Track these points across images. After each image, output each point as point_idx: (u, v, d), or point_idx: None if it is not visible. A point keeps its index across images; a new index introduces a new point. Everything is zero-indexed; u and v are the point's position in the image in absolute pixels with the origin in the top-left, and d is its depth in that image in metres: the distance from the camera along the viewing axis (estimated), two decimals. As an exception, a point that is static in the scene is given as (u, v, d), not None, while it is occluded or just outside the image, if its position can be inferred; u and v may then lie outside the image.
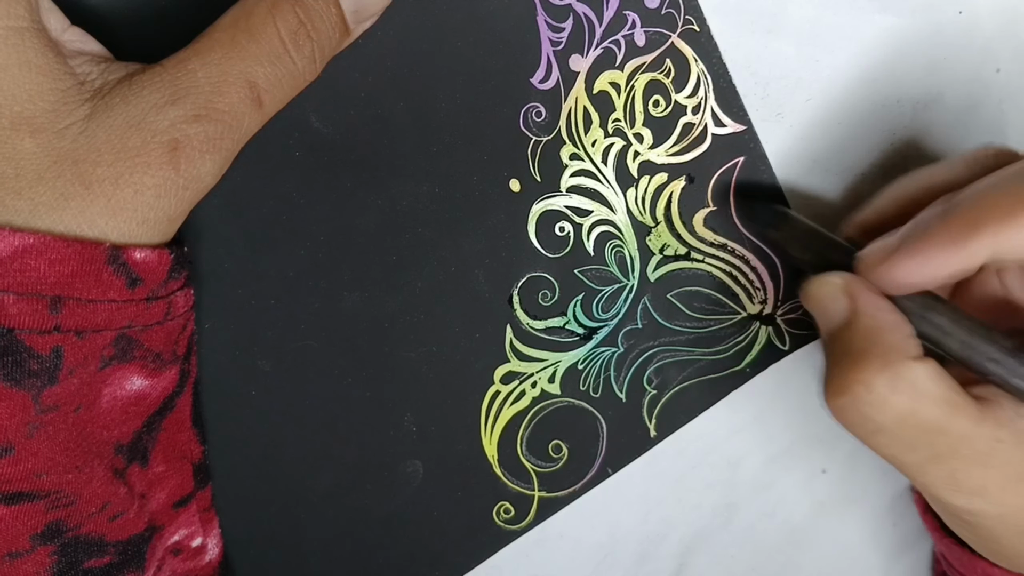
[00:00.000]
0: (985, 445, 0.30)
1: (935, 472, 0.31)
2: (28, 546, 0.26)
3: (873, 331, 0.30)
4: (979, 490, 0.30)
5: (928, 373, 0.29)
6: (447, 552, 0.37)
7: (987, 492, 0.31)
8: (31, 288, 0.24)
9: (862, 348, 0.30)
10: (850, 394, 0.30)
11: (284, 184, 0.32)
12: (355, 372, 0.34)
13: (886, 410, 0.29)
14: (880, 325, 0.30)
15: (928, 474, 0.31)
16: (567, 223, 0.35)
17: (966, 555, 0.37)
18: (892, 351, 0.30)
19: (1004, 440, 0.30)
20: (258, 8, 0.25)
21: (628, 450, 0.38)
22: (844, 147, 0.38)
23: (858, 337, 0.30)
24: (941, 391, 0.29)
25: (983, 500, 0.31)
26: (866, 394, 0.29)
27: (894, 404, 0.29)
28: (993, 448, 0.30)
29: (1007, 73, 0.40)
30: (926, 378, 0.29)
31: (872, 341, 0.30)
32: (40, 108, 0.24)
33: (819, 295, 0.33)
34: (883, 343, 0.30)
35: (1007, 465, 0.30)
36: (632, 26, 0.34)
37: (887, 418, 0.30)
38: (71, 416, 0.25)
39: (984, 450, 0.30)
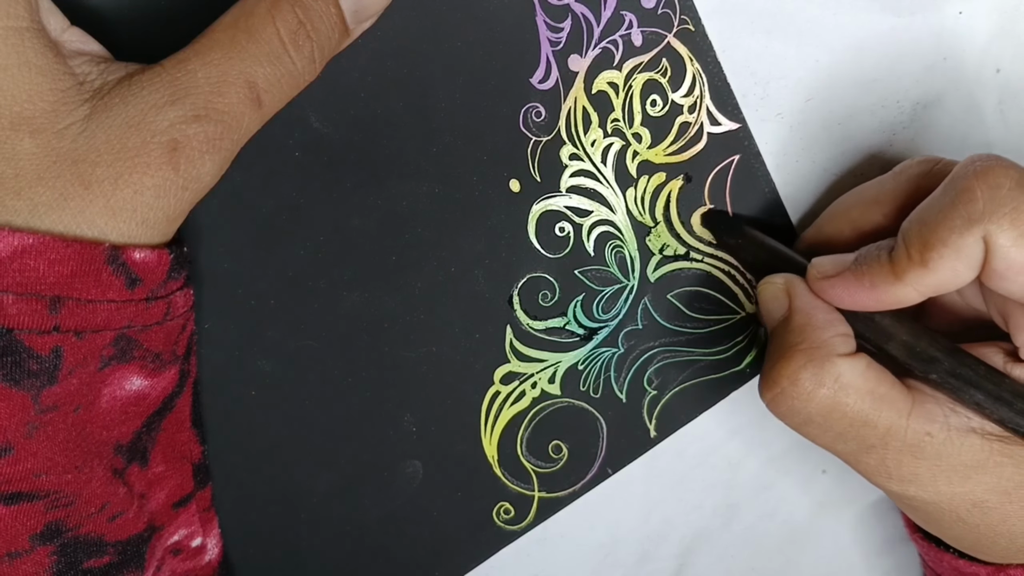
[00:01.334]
0: (914, 438, 0.31)
1: (867, 460, 0.32)
2: (27, 546, 0.25)
3: (804, 328, 0.32)
4: (911, 478, 0.32)
5: (854, 368, 0.31)
6: (447, 552, 0.37)
7: (919, 480, 0.32)
8: (30, 288, 0.24)
9: (792, 344, 0.32)
10: (778, 387, 0.32)
11: (284, 184, 0.32)
12: (355, 372, 0.34)
13: (811, 403, 0.31)
14: (811, 323, 0.32)
15: (861, 462, 0.33)
16: (567, 223, 0.35)
17: (932, 549, 0.38)
18: (819, 347, 0.31)
19: (934, 435, 0.31)
20: (258, 8, 0.25)
21: (628, 450, 0.38)
22: (844, 147, 0.38)
23: (790, 333, 0.32)
24: (868, 385, 0.31)
25: (916, 487, 0.32)
26: (791, 387, 0.31)
27: (818, 397, 0.31)
28: (922, 441, 0.31)
29: (1007, 73, 0.40)
30: (851, 373, 0.31)
31: (802, 337, 0.32)
32: (40, 108, 0.24)
33: (763, 294, 0.35)
34: (811, 339, 0.32)
35: (937, 458, 0.31)
36: (629, 26, 0.34)
37: (813, 410, 0.31)
38: (70, 416, 0.25)
39: (913, 443, 0.31)
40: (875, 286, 0.31)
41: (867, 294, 0.31)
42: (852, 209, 0.36)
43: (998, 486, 0.32)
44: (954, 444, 0.31)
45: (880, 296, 0.31)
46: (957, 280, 0.30)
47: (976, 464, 0.31)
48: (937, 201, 0.30)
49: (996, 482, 0.32)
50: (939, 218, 0.30)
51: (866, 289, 0.31)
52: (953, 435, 0.31)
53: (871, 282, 0.31)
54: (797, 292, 0.33)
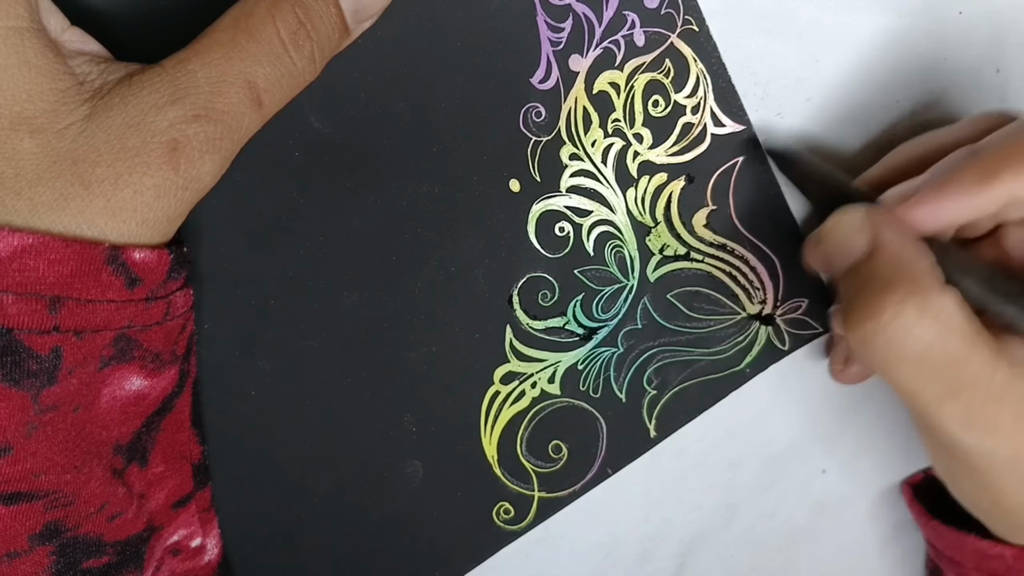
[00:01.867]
0: (1002, 380, 0.29)
1: (950, 407, 0.30)
2: (26, 546, 0.26)
3: (900, 259, 0.30)
4: (992, 427, 0.30)
5: (954, 302, 0.29)
6: (447, 552, 0.37)
7: (1000, 429, 0.30)
8: (30, 288, 0.24)
9: (890, 275, 0.30)
10: (876, 320, 0.29)
11: (284, 184, 0.32)
12: (355, 372, 0.34)
13: (912, 338, 0.29)
14: (907, 254, 0.30)
15: (944, 408, 0.30)
16: (567, 223, 0.35)
17: (954, 534, 0.37)
18: (921, 278, 0.29)
19: (1020, 377, 0.30)
20: (258, 8, 0.25)
21: (628, 450, 0.38)
22: (844, 147, 0.38)
23: (884, 266, 0.30)
24: (964, 322, 0.29)
25: (996, 438, 0.30)
26: (894, 320, 0.29)
27: (920, 331, 0.29)
28: (1009, 383, 0.29)
29: (1007, 73, 0.40)
30: (952, 308, 0.29)
31: (900, 268, 0.30)
32: (39, 108, 0.24)
33: (839, 229, 0.32)
34: (912, 270, 0.30)
35: (1020, 401, 0.30)
36: (632, 26, 0.34)
37: (912, 345, 0.29)
38: (70, 416, 0.25)
39: (1000, 384, 0.29)
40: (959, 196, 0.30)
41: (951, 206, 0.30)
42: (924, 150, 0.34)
43: None
44: None
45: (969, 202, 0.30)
46: None
47: None
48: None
49: None
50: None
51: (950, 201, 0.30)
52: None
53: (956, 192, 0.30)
54: (884, 222, 0.31)
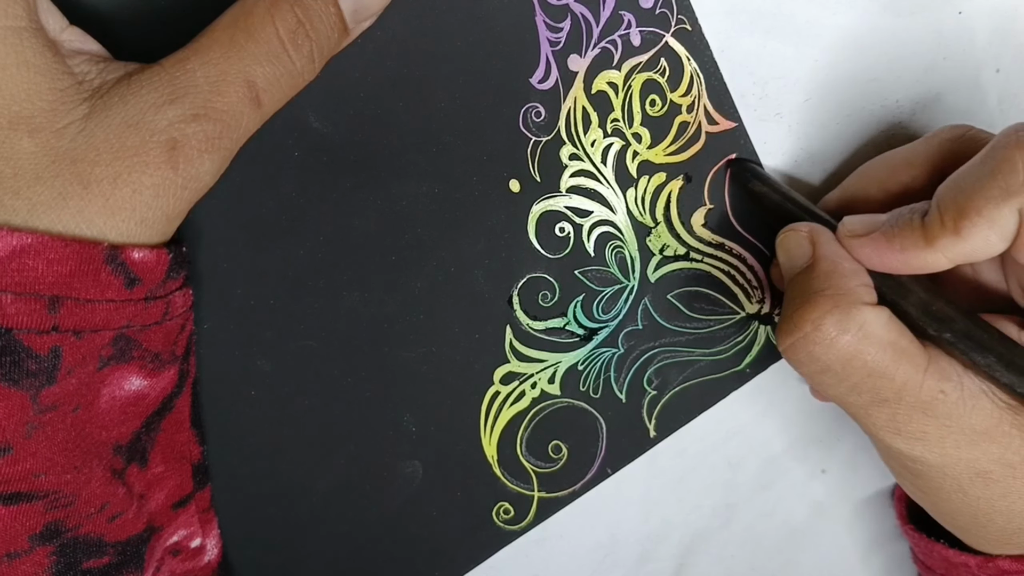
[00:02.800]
0: (928, 394, 0.31)
1: (878, 414, 0.32)
2: (27, 546, 0.25)
3: (829, 275, 0.32)
4: (920, 435, 0.31)
5: (878, 318, 0.31)
6: (446, 552, 0.37)
7: (927, 438, 0.31)
8: (29, 288, 0.24)
9: (816, 289, 0.31)
10: (800, 332, 0.31)
11: (283, 184, 0.32)
12: (354, 372, 0.34)
13: (832, 349, 0.31)
14: (837, 270, 0.32)
15: (871, 416, 0.32)
16: (567, 223, 0.35)
17: (923, 540, 0.38)
18: (845, 294, 0.31)
19: (947, 393, 0.31)
20: (257, 8, 0.26)
21: (628, 451, 0.38)
22: (843, 147, 0.38)
23: (814, 280, 0.32)
24: (890, 336, 0.31)
25: (923, 447, 0.32)
26: (814, 332, 0.31)
27: (841, 344, 0.30)
28: (935, 398, 0.31)
29: (1007, 73, 0.40)
30: (875, 322, 0.30)
31: (827, 283, 0.31)
32: (38, 107, 0.24)
33: (787, 241, 0.34)
34: (837, 286, 0.31)
35: (948, 418, 0.31)
36: (628, 26, 0.34)
37: (833, 358, 0.31)
38: (70, 416, 0.25)
39: (927, 399, 0.31)
40: (905, 250, 0.31)
41: (896, 257, 0.31)
42: (881, 171, 0.35)
43: (1003, 458, 0.31)
44: (966, 405, 0.31)
45: (909, 260, 0.31)
46: (988, 250, 0.30)
47: (985, 430, 0.31)
48: (975, 169, 0.30)
49: (1002, 453, 0.31)
50: (976, 187, 0.29)
51: (896, 252, 0.31)
52: (966, 396, 0.31)
53: (901, 245, 0.31)
54: (822, 240, 0.33)
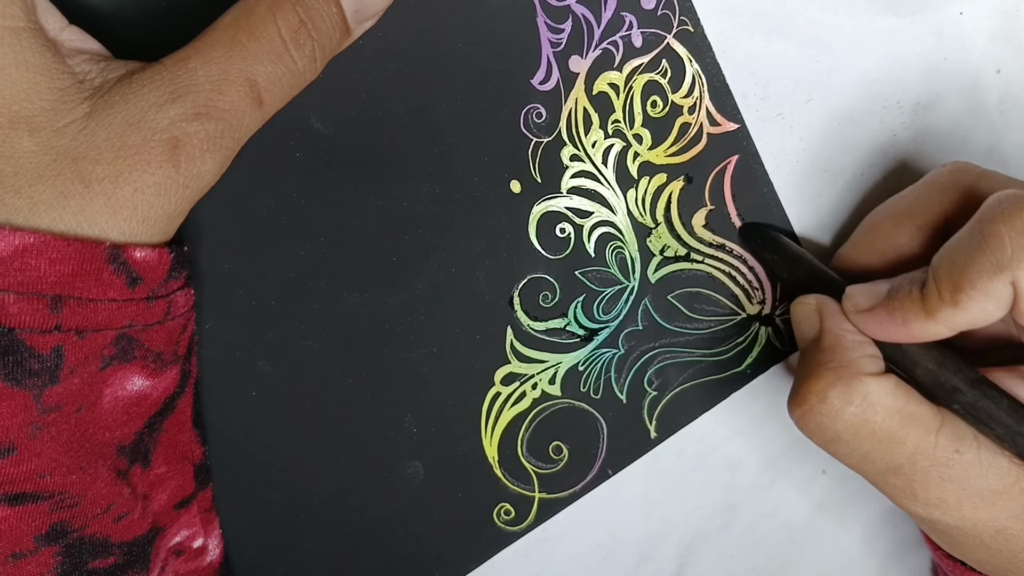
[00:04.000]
0: (943, 456, 0.31)
1: (894, 482, 0.32)
2: (32, 547, 0.25)
3: (833, 348, 0.33)
4: (937, 502, 0.32)
5: (882, 387, 0.31)
6: (447, 553, 0.37)
7: (945, 504, 0.32)
8: (31, 287, 0.24)
9: (821, 362, 0.33)
10: (807, 404, 0.32)
11: (285, 185, 0.32)
12: (355, 373, 0.34)
13: (839, 421, 0.32)
14: (840, 343, 0.33)
15: (888, 483, 0.33)
16: (568, 224, 0.35)
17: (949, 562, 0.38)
18: (848, 366, 0.32)
19: (963, 452, 0.31)
20: (259, 7, 0.26)
21: (628, 451, 0.38)
22: (844, 147, 0.38)
23: (820, 353, 0.33)
24: (897, 404, 0.31)
25: (941, 511, 0.32)
26: (819, 405, 0.32)
27: (846, 415, 0.31)
28: (951, 459, 0.31)
29: (1007, 74, 0.40)
30: (880, 392, 0.31)
31: (831, 356, 0.32)
32: (38, 107, 0.24)
33: (796, 314, 0.35)
34: (841, 359, 0.32)
35: (964, 479, 0.31)
36: (629, 27, 0.34)
37: (841, 428, 0.32)
38: (73, 417, 0.25)
39: (942, 461, 0.31)
40: (907, 322, 0.31)
41: (899, 329, 0.32)
42: (886, 222, 0.36)
43: (1022, 513, 0.32)
44: (982, 465, 0.31)
45: (913, 332, 0.32)
46: (988, 319, 0.30)
47: (1002, 489, 0.31)
48: (966, 242, 0.30)
49: (1021, 509, 0.32)
50: (968, 260, 0.30)
51: (898, 324, 0.32)
52: (983, 453, 0.31)
53: (903, 318, 0.32)
54: (828, 313, 0.34)
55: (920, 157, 0.39)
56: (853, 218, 0.39)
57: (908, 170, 0.39)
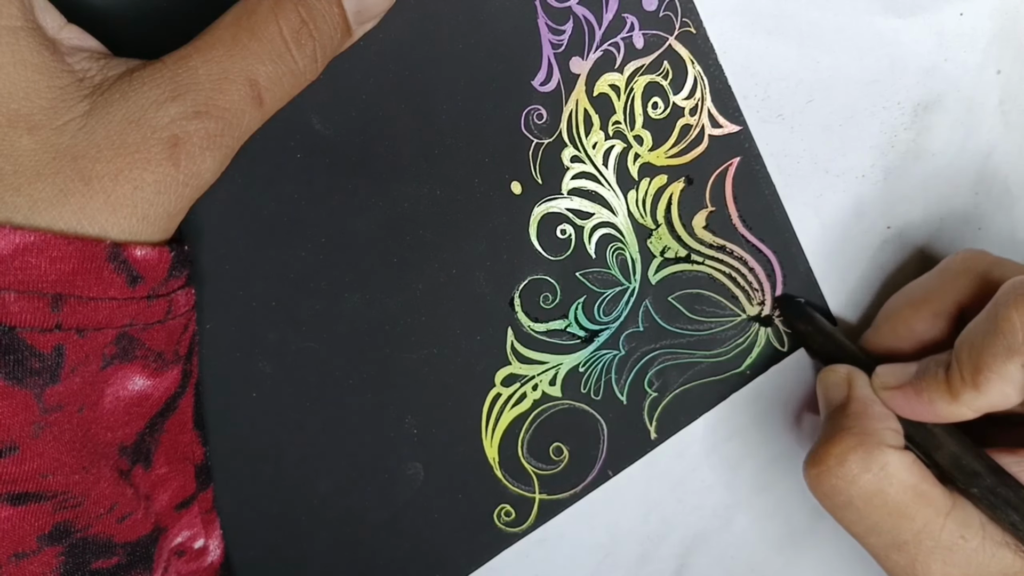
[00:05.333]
0: (948, 539, 0.32)
1: (896, 558, 0.33)
2: (35, 547, 0.25)
3: (859, 415, 0.34)
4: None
5: (901, 461, 0.32)
6: (447, 554, 0.37)
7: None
8: (32, 286, 0.24)
9: (846, 427, 0.34)
10: (824, 465, 0.33)
11: (285, 185, 0.32)
12: (356, 374, 0.34)
13: (854, 486, 0.32)
14: (866, 412, 0.34)
15: (890, 559, 0.33)
16: (568, 225, 0.35)
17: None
18: (871, 434, 0.33)
19: (968, 539, 0.32)
20: (261, 6, 0.26)
21: (629, 452, 0.38)
22: (845, 149, 0.38)
23: (845, 419, 0.34)
24: (912, 480, 0.32)
25: None
26: (838, 467, 0.33)
27: (862, 481, 0.32)
28: (955, 544, 0.32)
29: (1008, 75, 0.40)
30: (898, 464, 0.32)
31: (855, 423, 0.34)
32: (37, 105, 0.24)
33: (826, 380, 0.36)
34: (864, 427, 0.33)
35: (967, 566, 0.32)
36: (631, 28, 0.34)
37: (855, 493, 0.32)
38: (75, 416, 0.25)
39: (947, 544, 0.32)
40: (933, 403, 0.32)
41: (926, 409, 0.33)
42: (904, 308, 0.37)
43: None
44: (986, 552, 0.32)
45: (938, 412, 0.32)
46: (1007, 401, 0.31)
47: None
48: (982, 326, 0.31)
49: None
50: (984, 344, 0.31)
51: (925, 404, 0.33)
52: (987, 544, 0.32)
53: (929, 399, 0.33)
54: (858, 383, 0.35)
55: (921, 158, 0.39)
56: (854, 219, 0.39)
57: (909, 171, 0.39)
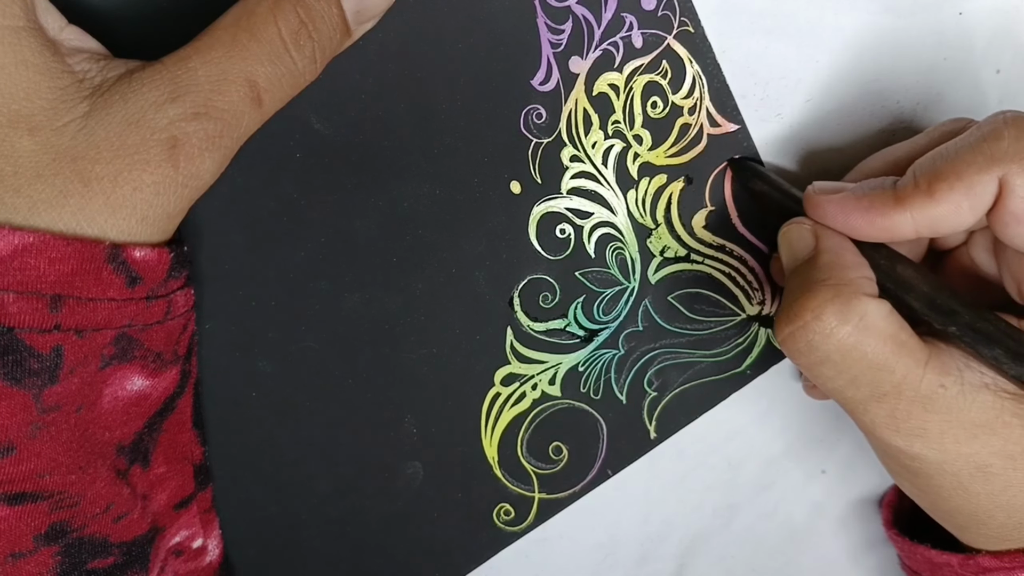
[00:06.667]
0: (928, 388, 0.30)
1: (876, 410, 0.31)
2: (31, 547, 0.25)
3: (831, 265, 0.31)
4: (919, 431, 0.31)
5: (879, 310, 0.30)
6: (447, 554, 0.37)
7: (927, 434, 0.31)
8: (31, 287, 0.24)
9: (818, 279, 0.31)
10: (800, 321, 0.31)
11: (285, 185, 0.32)
12: (355, 374, 0.34)
13: (832, 339, 0.30)
14: (838, 261, 0.31)
15: (869, 411, 0.32)
16: (568, 225, 0.35)
17: (907, 543, 0.38)
18: (846, 284, 0.31)
19: (947, 387, 0.31)
20: (260, 7, 0.26)
21: (628, 452, 0.38)
22: (844, 148, 0.38)
23: (816, 270, 0.31)
24: (891, 329, 0.30)
25: (923, 443, 0.31)
26: (815, 322, 0.30)
27: (841, 335, 0.30)
28: (935, 393, 0.31)
29: (1007, 74, 0.40)
30: (876, 314, 0.30)
31: (828, 274, 0.31)
32: (38, 106, 0.24)
33: (789, 233, 0.34)
34: (839, 277, 0.31)
35: (948, 412, 0.31)
36: (630, 28, 0.34)
37: (832, 348, 0.30)
38: (73, 416, 0.25)
39: (927, 393, 0.31)
40: (872, 207, 0.31)
41: (862, 215, 0.31)
42: (882, 167, 0.35)
43: (1004, 449, 0.31)
44: (966, 399, 0.31)
45: (875, 219, 0.31)
46: (958, 218, 0.30)
47: (985, 423, 0.31)
48: (961, 140, 0.30)
49: (1003, 445, 0.31)
50: (959, 153, 0.29)
51: (862, 210, 0.31)
52: (966, 389, 0.31)
53: (869, 203, 0.31)
54: (826, 233, 0.33)
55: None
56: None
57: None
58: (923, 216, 0.30)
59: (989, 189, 0.29)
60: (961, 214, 0.30)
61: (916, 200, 0.30)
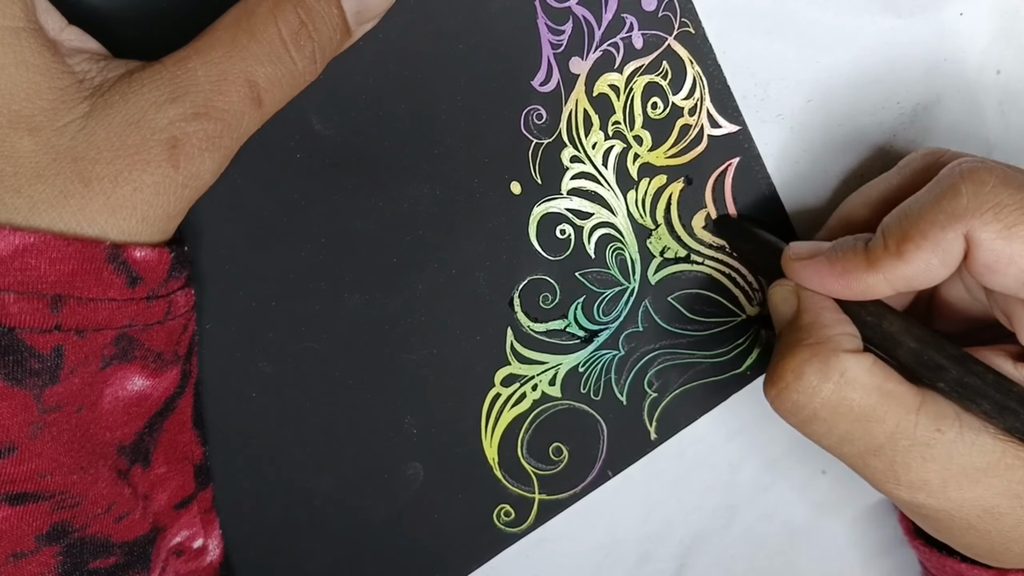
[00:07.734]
0: (923, 434, 0.30)
1: (875, 464, 0.32)
2: (33, 547, 0.26)
3: (811, 326, 0.32)
4: (920, 484, 0.31)
5: (860, 364, 0.31)
6: (447, 555, 0.37)
7: (929, 486, 0.31)
8: (32, 287, 0.24)
9: (798, 340, 0.32)
10: (782, 382, 0.31)
11: (285, 186, 0.32)
12: (356, 374, 0.34)
13: (816, 398, 0.31)
14: (817, 320, 0.32)
15: (868, 466, 0.32)
16: (568, 225, 0.35)
17: (935, 555, 0.37)
18: (824, 343, 0.31)
19: (944, 431, 0.30)
20: (260, 8, 0.26)
21: (629, 452, 0.38)
22: (844, 149, 0.38)
23: (797, 331, 0.32)
24: (875, 381, 0.30)
25: (926, 494, 0.31)
26: (796, 382, 0.31)
27: (824, 392, 0.31)
28: (932, 438, 0.30)
29: (1007, 75, 0.40)
30: (857, 368, 0.30)
31: (808, 334, 0.32)
32: (38, 106, 0.24)
33: (774, 296, 0.34)
34: (818, 335, 0.31)
35: (948, 458, 0.31)
36: (630, 29, 0.34)
37: (818, 405, 0.31)
38: (74, 417, 0.25)
39: (923, 440, 0.31)
40: (846, 272, 0.31)
41: (837, 280, 0.32)
42: (861, 208, 0.35)
43: (1009, 489, 0.31)
44: (965, 442, 0.30)
45: (850, 283, 0.31)
46: (929, 275, 0.30)
47: (987, 466, 0.31)
48: (922, 197, 0.30)
49: (1007, 486, 0.31)
50: (921, 212, 0.30)
51: (837, 274, 0.32)
52: (965, 432, 0.30)
53: (843, 268, 0.31)
54: (806, 293, 0.33)
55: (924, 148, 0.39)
56: (854, 219, 0.39)
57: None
58: (896, 276, 0.30)
59: (956, 245, 0.29)
60: (933, 270, 0.30)
61: (886, 262, 0.30)
